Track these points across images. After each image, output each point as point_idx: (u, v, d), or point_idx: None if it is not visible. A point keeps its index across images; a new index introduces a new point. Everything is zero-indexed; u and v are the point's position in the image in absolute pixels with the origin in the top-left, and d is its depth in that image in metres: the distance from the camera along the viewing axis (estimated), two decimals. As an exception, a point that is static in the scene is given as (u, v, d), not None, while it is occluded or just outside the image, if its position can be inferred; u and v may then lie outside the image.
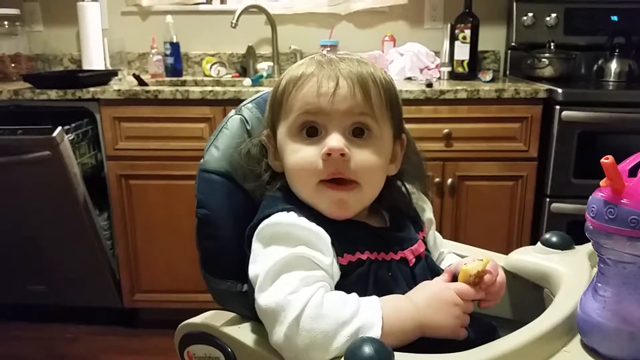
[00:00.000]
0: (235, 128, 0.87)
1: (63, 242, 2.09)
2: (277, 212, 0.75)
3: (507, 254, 2.07)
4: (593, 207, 0.63)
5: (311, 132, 0.76)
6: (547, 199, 1.95)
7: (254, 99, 0.92)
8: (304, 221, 0.73)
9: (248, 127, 0.87)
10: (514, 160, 1.97)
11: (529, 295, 0.90)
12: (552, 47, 2.24)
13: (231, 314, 0.84)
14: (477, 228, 2.02)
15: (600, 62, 2.25)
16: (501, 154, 1.96)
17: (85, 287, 2.19)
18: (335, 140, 0.73)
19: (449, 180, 1.97)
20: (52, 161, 1.89)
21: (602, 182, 0.62)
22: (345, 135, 0.75)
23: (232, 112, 0.90)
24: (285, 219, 0.73)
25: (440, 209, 2.00)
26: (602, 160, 0.60)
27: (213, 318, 0.83)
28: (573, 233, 1.92)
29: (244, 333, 0.79)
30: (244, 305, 0.79)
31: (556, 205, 1.94)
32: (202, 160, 0.85)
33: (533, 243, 2.00)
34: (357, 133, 0.76)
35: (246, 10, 2.33)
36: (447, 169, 1.98)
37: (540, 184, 1.97)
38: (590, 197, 0.64)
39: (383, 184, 0.80)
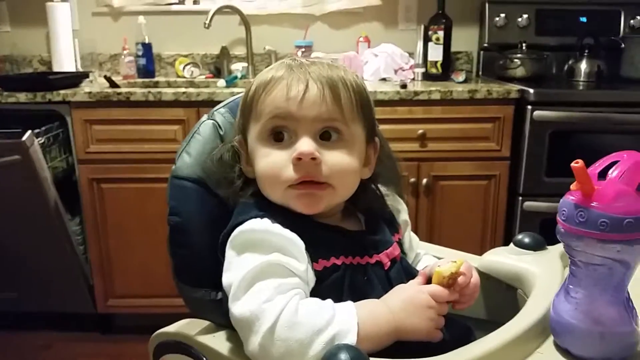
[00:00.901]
0: (208, 133, 0.86)
1: (34, 247, 2.05)
2: (250, 218, 0.74)
3: (481, 251, 2.10)
4: (564, 210, 0.63)
5: (281, 136, 0.75)
6: (520, 198, 1.98)
7: (227, 104, 0.91)
8: (277, 227, 0.72)
9: (221, 132, 0.86)
10: (487, 159, 1.99)
11: (503, 295, 0.91)
12: (523, 48, 2.27)
13: (206, 323, 0.83)
14: (451, 227, 2.04)
15: (570, 62, 2.29)
16: (475, 154, 1.99)
17: (57, 293, 2.15)
18: (305, 145, 0.73)
19: (424, 180, 1.99)
20: (22, 165, 1.85)
21: (573, 186, 0.63)
22: (315, 139, 0.74)
23: (205, 117, 0.88)
24: (259, 226, 0.73)
25: (416, 209, 2.01)
26: (572, 164, 0.61)
27: (188, 327, 0.82)
28: (546, 231, 1.95)
29: (219, 342, 0.78)
30: (219, 313, 0.78)
31: (529, 204, 1.97)
32: (173, 167, 0.84)
33: (506, 241, 2.04)
34: (327, 137, 0.75)
35: (220, 11, 2.32)
36: (422, 169, 1.99)
37: (513, 183, 2.00)
38: (561, 200, 0.65)
39: (356, 186, 0.80)
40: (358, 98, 0.77)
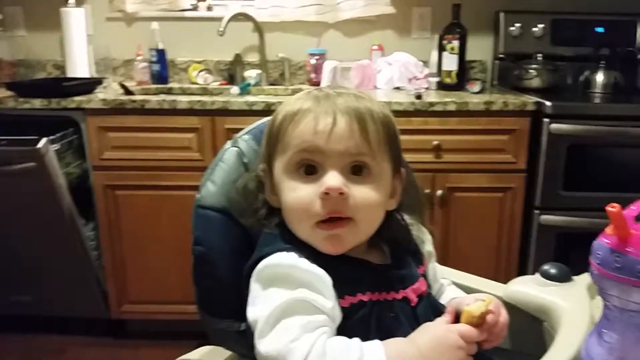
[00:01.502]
0: (232, 161, 0.85)
1: (49, 252, 2.06)
2: (276, 251, 0.73)
3: (496, 265, 2.08)
4: (599, 253, 0.62)
5: (309, 170, 0.74)
6: (536, 211, 1.96)
7: (250, 130, 0.90)
8: (304, 263, 0.71)
9: (245, 160, 0.86)
10: (503, 172, 1.98)
11: (528, 326, 0.90)
12: (539, 58, 2.25)
13: (228, 353, 0.83)
14: (466, 239, 2.03)
15: (586, 73, 2.26)
16: (490, 166, 1.97)
17: (71, 298, 2.16)
18: (333, 179, 0.72)
19: (439, 192, 1.98)
20: (37, 172, 1.86)
21: (608, 229, 0.62)
22: (343, 173, 0.73)
23: (228, 144, 0.88)
24: (286, 260, 0.72)
25: (430, 221, 1.99)
26: (608, 208, 0.60)
27: (210, 356, 0.82)
28: (563, 245, 1.95)
29: (242, 373, 0.78)
30: (243, 344, 0.78)
31: (545, 218, 1.95)
32: (198, 196, 0.83)
33: (522, 254, 2.03)
34: (356, 171, 0.74)
35: (233, 18, 2.31)
36: (437, 181, 1.98)
37: (529, 196, 1.98)
38: (595, 242, 0.64)
39: (381, 220, 0.79)
40: (386, 130, 0.76)
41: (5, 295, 2.17)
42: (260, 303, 0.70)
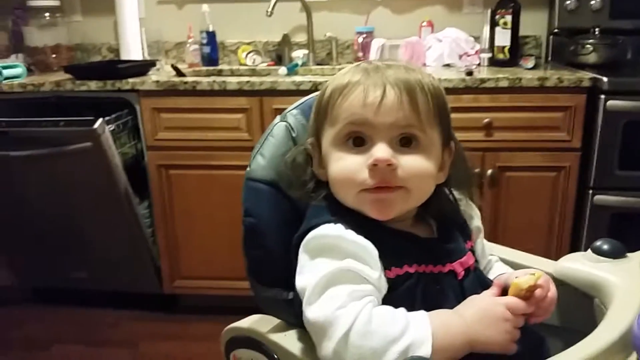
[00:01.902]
0: (281, 136, 0.87)
1: (105, 230, 2.15)
2: (323, 223, 0.74)
3: (547, 247, 2.04)
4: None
5: (357, 142, 0.75)
6: (590, 191, 1.90)
7: (299, 105, 0.91)
8: (351, 234, 0.72)
9: (293, 135, 0.87)
10: (556, 150, 1.92)
11: (578, 303, 0.88)
12: (596, 33, 2.16)
13: (277, 320, 0.85)
14: (516, 220, 1.99)
15: (648, 47, 2.17)
16: (543, 144, 1.92)
17: (126, 274, 2.24)
18: (381, 151, 0.72)
19: (489, 171, 1.94)
20: (93, 152, 1.93)
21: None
22: (392, 145, 0.73)
23: (277, 118, 0.89)
24: (333, 231, 0.73)
25: (480, 206, 1.96)
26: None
27: (259, 323, 0.84)
28: (617, 226, 1.89)
29: (290, 341, 0.80)
30: (290, 312, 0.80)
31: (599, 197, 1.89)
32: (248, 169, 0.85)
33: (575, 235, 1.98)
34: (405, 143, 0.74)
35: (281, -2, 2.32)
36: (487, 160, 1.94)
37: (584, 175, 1.92)
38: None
39: (432, 191, 0.79)
40: (435, 102, 0.76)
41: (64, 271, 2.28)
42: (308, 272, 0.71)
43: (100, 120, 1.90)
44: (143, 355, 2.06)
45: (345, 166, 0.75)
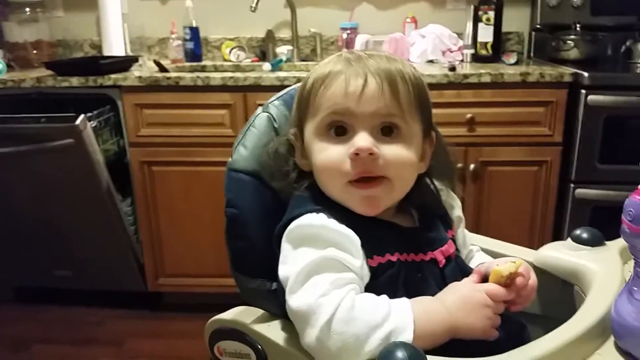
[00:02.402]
0: (263, 126, 0.86)
1: (87, 227, 2.12)
2: (306, 212, 0.75)
3: (530, 240, 2.06)
4: (630, 210, 0.61)
5: (339, 131, 0.75)
6: (572, 185, 1.93)
7: (281, 96, 0.91)
8: (333, 223, 0.73)
9: (275, 125, 0.87)
10: (538, 145, 1.94)
11: (558, 291, 0.89)
12: (577, 29, 2.19)
13: (260, 311, 0.84)
14: (499, 214, 2.01)
15: (628, 43, 2.19)
16: (525, 139, 1.94)
17: (109, 272, 2.23)
18: (362, 140, 0.72)
19: (472, 166, 1.96)
20: (75, 148, 1.91)
21: (641, 186, 0.61)
22: (373, 134, 0.74)
23: (259, 109, 0.89)
24: (315, 221, 0.73)
25: (462, 197, 1.98)
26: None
27: (243, 315, 0.84)
28: (597, 219, 1.91)
29: (274, 331, 0.80)
30: (274, 303, 0.80)
31: (581, 191, 1.92)
32: (230, 159, 0.85)
33: (556, 229, 2.00)
34: (386, 132, 0.75)
35: (265, -6, 2.31)
36: (469, 155, 1.96)
37: (565, 169, 1.95)
38: (627, 200, 0.63)
39: (414, 180, 0.79)
40: (417, 92, 0.76)
41: (49, 269, 2.26)
42: (291, 261, 0.71)
43: (82, 116, 1.88)
44: (128, 353, 2.04)
45: (328, 156, 0.75)
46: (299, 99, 0.81)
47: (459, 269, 0.80)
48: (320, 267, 0.69)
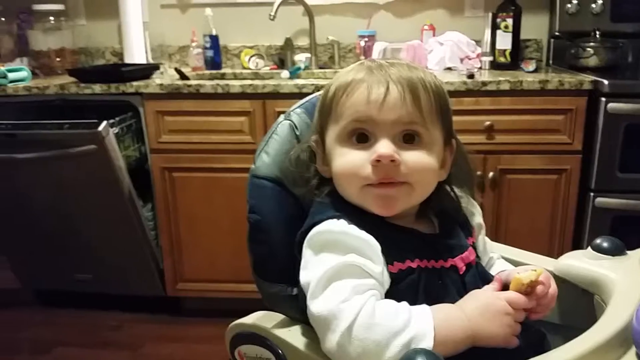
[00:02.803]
0: (285, 134, 0.88)
1: (108, 232, 2.16)
2: (327, 219, 0.76)
3: (549, 249, 2.04)
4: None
5: (361, 138, 0.76)
6: (592, 194, 1.91)
7: (302, 104, 0.92)
8: (354, 229, 0.73)
9: (297, 133, 0.88)
10: (557, 153, 1.93)
11: (578, 300, 0.89)
12: (597, 36, 2.17)
13: (281, 316, 0.85)
14: (518, 223, 2.00)
15: (649, 50, 2.18)
16: (544, 147, 1.93)
17: (129, 276, 2.25)
18: (384, 147, 0.73)
19: (490, 174, 1.95)
20: (97, 155, 1.94)
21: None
22: (395, 142, 0.75)
23: (282, 117, 0.91)
24: (336, 227, 0.74)
25: (481, 204, 1.97)
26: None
27: (264, 319, 0.85)
28: (618, 228, 1.90)
29: (294, 336, 0.81)
30: (294, 308, 0.81)
31: (601, 200, 1.90)
32: (253, 166, 0.86)
33: (576, 239, 1.98)
34: (408, 139, 0.76)
35: (284, 2, 2.33)
36: (488, 163, 1.95)
37: (585, 178, 1.93)
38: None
39: (434, 187, 0.80)
40: (437, 100, 0.77)
41: (69, 273, 2.29)
42: (312, 267, 0.72)
43: (104, 123, 1.91)
44: (146, 357, 2.06)
45: (349, 161, 0.76)
46: (321, 106, 0.82)
47: (479, 276, 0.80)
48: (341, 273, 0.70)
